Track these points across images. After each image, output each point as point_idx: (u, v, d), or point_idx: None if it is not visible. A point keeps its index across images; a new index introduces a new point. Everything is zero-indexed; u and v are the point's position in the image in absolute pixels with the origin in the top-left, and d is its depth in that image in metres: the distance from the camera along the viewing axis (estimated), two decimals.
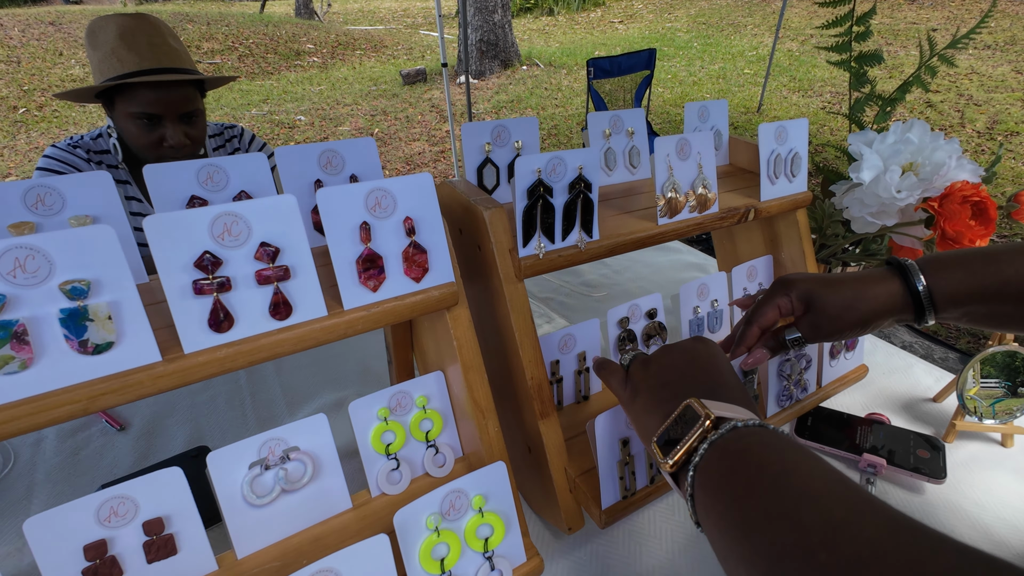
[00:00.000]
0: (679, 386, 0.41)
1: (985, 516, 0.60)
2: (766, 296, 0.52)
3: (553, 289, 1.05)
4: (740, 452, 0.34)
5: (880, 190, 0.68)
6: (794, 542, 0.27)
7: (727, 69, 6.02)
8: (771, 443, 0.34)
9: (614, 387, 0.46)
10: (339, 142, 0.51)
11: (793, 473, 0.31)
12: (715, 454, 0.34)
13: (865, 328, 0.50)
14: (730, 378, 0.42)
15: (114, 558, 0.40)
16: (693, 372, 0.42)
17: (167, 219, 0.35)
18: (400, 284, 0.44)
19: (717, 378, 0.42)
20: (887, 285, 0.49)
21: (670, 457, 0.36)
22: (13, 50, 5.92)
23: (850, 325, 0.49)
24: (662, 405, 0.40)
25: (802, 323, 0.51)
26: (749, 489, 0.31)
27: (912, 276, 0.48)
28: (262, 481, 0.45)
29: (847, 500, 0.28)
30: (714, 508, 0.33)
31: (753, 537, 0.29)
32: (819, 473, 0.30)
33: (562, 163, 0.51)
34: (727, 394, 0.40)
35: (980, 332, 2.06)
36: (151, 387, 0.35)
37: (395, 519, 0.40)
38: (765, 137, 0.66)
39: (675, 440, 0.37)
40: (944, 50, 0.68)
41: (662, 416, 0.39)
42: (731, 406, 0.38)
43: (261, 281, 0.38)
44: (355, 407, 0.49)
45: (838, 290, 0.49)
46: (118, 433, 0.69)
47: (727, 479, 0.33)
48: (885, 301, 0.48)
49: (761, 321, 0.52)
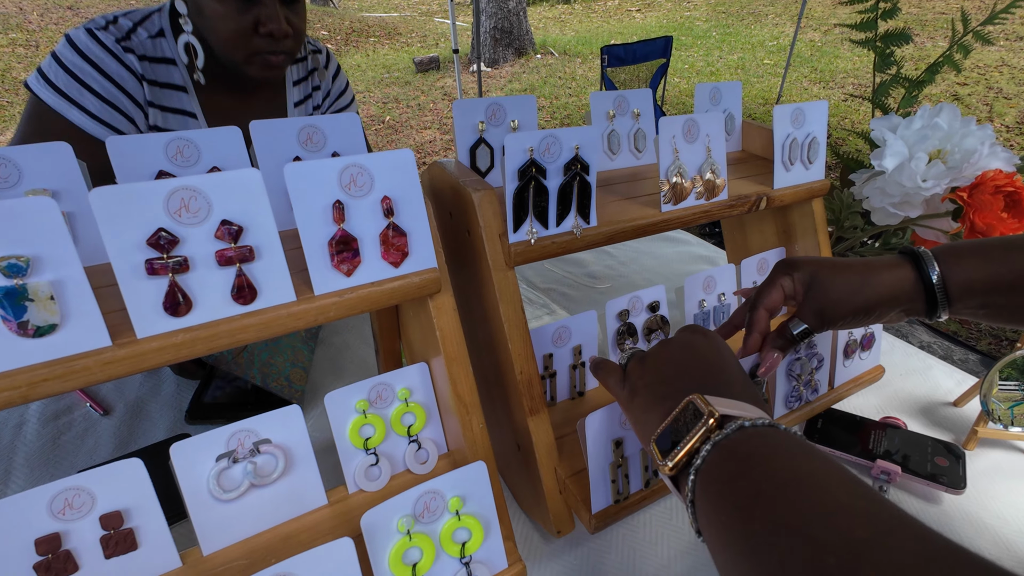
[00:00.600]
0: (680, 382, 0.38)
1: (1007, 530, 0.56)
2: (768, 278, 0.49)
3: (555, 280, 1.01)
4: (747, 455, 0.30)
5: (904, 179, 0.64)
6: (806, 562, 0.24)
7: (746, 59, 5.87)
8: (782, 445, 0.30)
9: (612, 387, 0.43)
10: (320, 117, 0.47)
11: (807, 481, 0.27)
12: (719, 456, 0.31)
13: (869, 316, 0.46)
14: (735, 372, 0.39)
15: (69, 552, 0.38)
16: (695, 366, 0.39)
17: (115, 192, 0.32)
18: (377, 269, 0.41)
19: (721, 373, 0.38)
20: (897, 272, 0.45)
21: (669, 459, 0.33)
22: (32, 34, 5.97)
23: (853, 311, 0.46)
24: (662, 402, 0.37)
25: (805, 310, 0.48)
26: (756, 497, 0.28)
27: (925, 264, 0.44)
28: (230, 475, 0.42)
29: (871, 516, 0.24)
30: (716, 517, 0.29)
31: (759, 553, 0.26)
32: (837, 482, 0.27)
33: (557, 142, 0.47)
34: (733, 390, 0.36)
35: (1002, 332, 1.98)
36: (100, 374, 0.33)
37: (362, 521, 0.37)
38: (780, 120, 0.61)
39: (675, 440, 0.34)
40: (979, 27, 0.63)
41: (662, 414, 0.36)
42: (737, 403, 0.34)
43: (222, 262, 0.36)
44: (331, 399, 0.46)
45: (842, 273, 0.46)
46: (101, 418, 0.68)
47: (731, 485, 0.30)
48: (893, 288, 0.45)
49: (767, 302, 0.49)
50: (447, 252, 0.56)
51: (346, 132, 0.49)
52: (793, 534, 0.25)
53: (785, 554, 0.25)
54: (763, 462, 0.29)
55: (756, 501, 0.27)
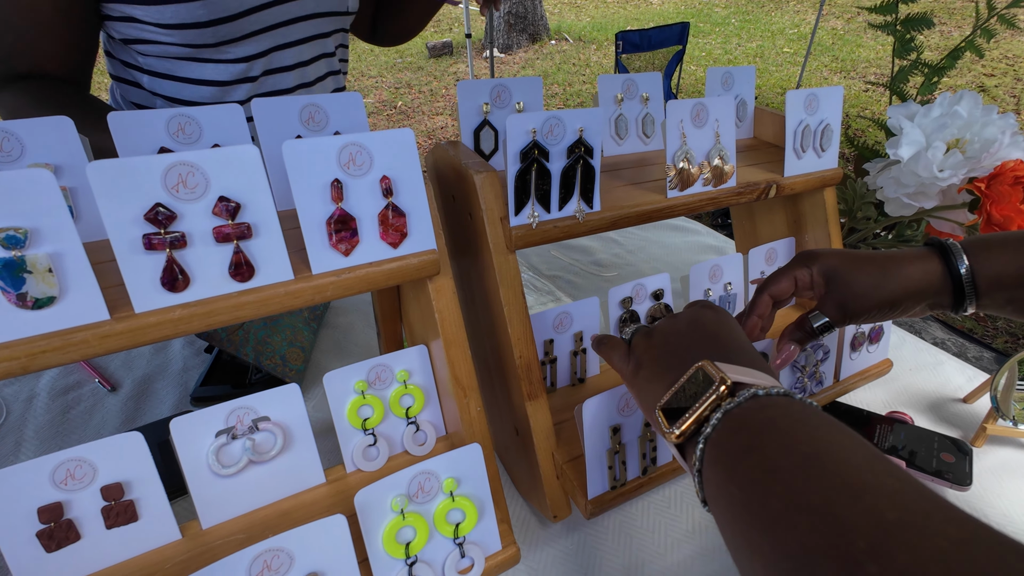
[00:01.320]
0: (687, 352, 0.36)
1: (1012, 528, 0.55)
2: (785, 266, 0.48)
3: (562, 267, 1.01)
4: (761, 425, 0.28)
5: (920, 168, 0.62)
6: (830, 545, 0.22)
7: (765, 47, 5.75)
8: (800, 416, 0.28)
9: (616, 363, 0.42)
10: (322, 96, 0.47)
11: (829, 457, 0.25)
12: (731, 425, 0.29)
13: (894, 310, 0.45)
14: (744, 343, 0.37)
15: (71, 521, 0.38)
16: (704, 337, 0.37)
17: (112, 166, 0.32)
18: (375, 249, 0.41)
19: (730, 343, 0.37)
20: (924, 264, 0.44)
21: (676, 426, 0.31)
22: None
23: (878, 305, 0.44)
24: (669, 373, 0.36)
25: (826, 303, 0.46)
26: (773, 472, 0.26)
27: (954, 256, 0.43)
28: (229, 451, 0.43)
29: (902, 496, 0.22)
30: (726, 489, 0.28)
31: (775, 531, 0.24)
32: (863, 458, 0.24)
33: (560, 124, 0.46)
34: (743, 359, 0.34)
35: (1020, 329, 1.94)
36: (98, 347, 0.33)
37: (356, 499, 0.38)
38: (793, 105, 0.60)
39: (683, 408, 0.32)
40: (1006, 9, 0.60)
41: (668, 383, 0.35)
42: (749, 370, 0.33)
43: (220, 239, 0.36)
44: (330, 379, 0.46)
45: (866, 266, 0.45)
46: (109, 394, 0.69)
47: (745, 457, 0.28)
48: (920, 281, 0.43)
49: (773, 289, 0.48)
50: (450, 235, 0.55)
51: (348, 111, 0.48)
52: (815, 513, 0.23)
53: (807, 535, 0.23)
54: (780, 434, 0.27)
55: (773, 476, 0.25)
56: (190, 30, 0.68)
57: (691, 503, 0.57)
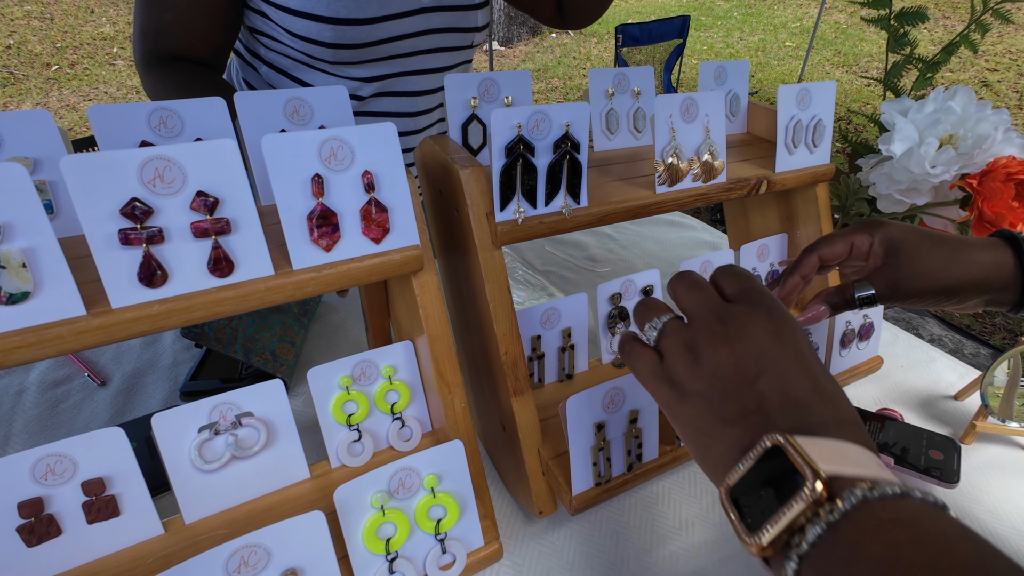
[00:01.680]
0: (751, 391, 0.27)
1: (999, 526, 0.55)
2: (843, 230, 0.44)
3: (555, 262, 1.00)
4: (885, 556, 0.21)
5: (912, 164, 0.62)
6: None
7: (767, 41, 5.72)
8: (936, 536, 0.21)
9: (646, 379, 0.32)
10: (308, 89, 0.47)
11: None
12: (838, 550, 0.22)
13: (951, 298, 0.42)
14: (822, 373, 0.28)
15: (51, 516, 0.38)
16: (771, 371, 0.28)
17: (87, 160, 0.31)
18: (357, 245, 0.41)
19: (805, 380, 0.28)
20: (995, 253, 0.41)
21: (759, 536, 0.23)
22: (47, 6, 5.97)
23: (937, 289, 0.41)
24: (728, 425, 0.27)
25: (878, 277, 0.43)
26: None
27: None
28: (211, 446, 0.43)
29: None
30: None
31: None
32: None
33: (546, 118, 0.46)
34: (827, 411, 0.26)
35: (1018, 326, 1.94)
36: (73, 342, 0.33)
37: (336, 496, 0.38)
38: (785, 100, 0.59)
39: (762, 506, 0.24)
40: (1000, 4, 0.60)
41: (728, 446, 0.27)
42: (841, 446, 0.24)
43: (198, 234, 0.35)
44: (314, 374, 0.46)
45: (935, 245, 0.42)
46: (98, 388, 0.69)
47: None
48: (988, 269, 0.41)
49: (826, 251, 0.44)
50: (438, 231, 0.55)
51: (334, 105, 0.48)
52: None
53: None
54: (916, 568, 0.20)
55: None
56: (313, 45, 0.70)
57: (677, 500, 0.57)
